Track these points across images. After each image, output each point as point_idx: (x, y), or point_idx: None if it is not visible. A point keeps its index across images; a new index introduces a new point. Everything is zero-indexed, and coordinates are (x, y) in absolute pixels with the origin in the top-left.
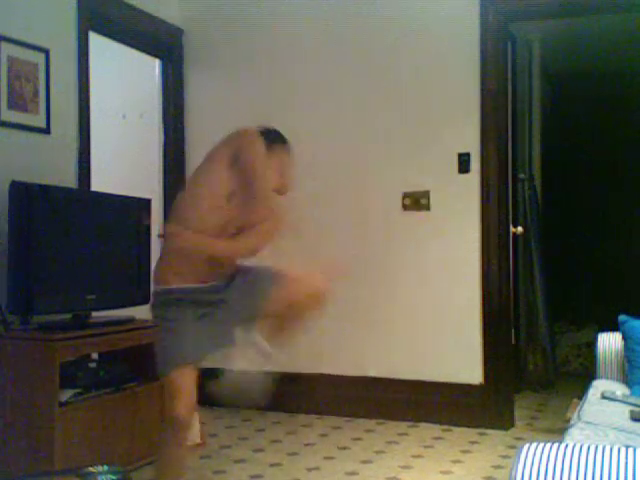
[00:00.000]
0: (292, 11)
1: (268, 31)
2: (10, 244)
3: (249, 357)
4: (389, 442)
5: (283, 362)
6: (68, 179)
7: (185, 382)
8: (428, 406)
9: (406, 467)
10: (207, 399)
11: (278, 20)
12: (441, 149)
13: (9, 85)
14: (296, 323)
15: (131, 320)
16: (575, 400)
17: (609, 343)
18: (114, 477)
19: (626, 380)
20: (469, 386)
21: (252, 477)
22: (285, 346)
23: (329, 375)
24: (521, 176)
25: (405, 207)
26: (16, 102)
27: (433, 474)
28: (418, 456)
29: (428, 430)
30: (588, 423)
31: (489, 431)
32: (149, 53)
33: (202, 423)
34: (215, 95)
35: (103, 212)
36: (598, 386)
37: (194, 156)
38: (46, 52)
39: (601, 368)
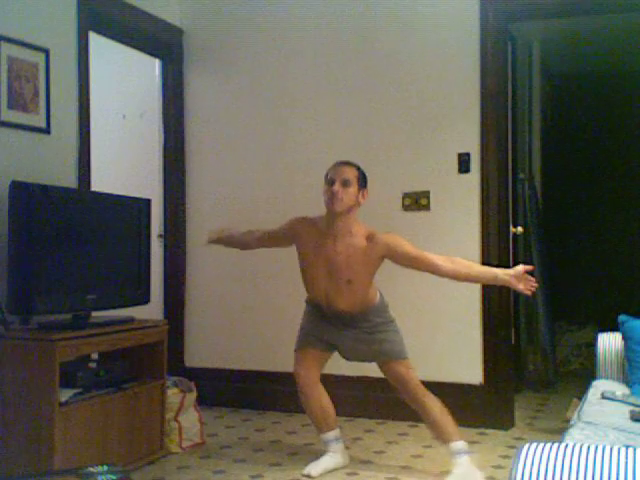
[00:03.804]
0: (292, 11)
1: (268, 31)
2: (10, 244)
3: None
4: (389, 442)
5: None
6: (68, 179)
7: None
8: None
9: (406, 467)
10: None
11: (278, 20)
12: (441, 149)
13: (9, 85)
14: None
15: (131, 320)
16: (575, 400)
17: (609, 343)
18: (114, 477)
19: (626, 380)
20: (469, 386)
21: (252, 477)
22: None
23: (329, 375)
24: (521, 176)
25: (405, 207)
26: (16, 102)
27: (433, 474)
28: (418, 456)
29: (428, 430)
30: (588, 423)
31: (489, 431)
32: (149, 53)
33: (202, 423)
34: (215, 95)
35: (103, 212)
36: (598, 386)
37: (194, 156)
38: (46, 52)
39: (601, 368)
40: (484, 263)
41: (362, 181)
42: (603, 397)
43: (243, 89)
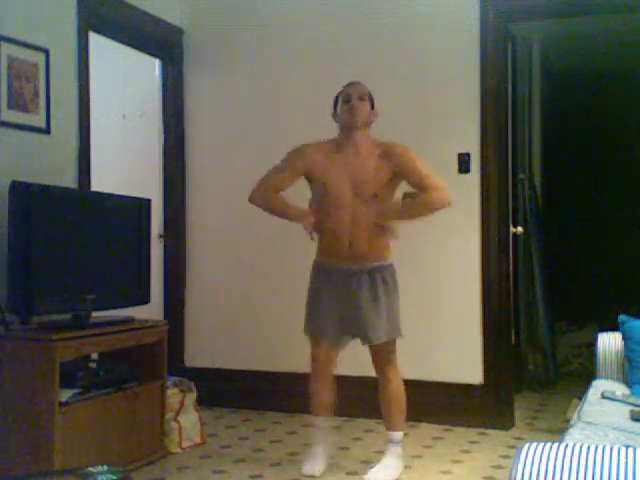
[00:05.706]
0: (291, 11)
1: (268, 31)
2: (10, 244)
3: None
4: None
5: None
6: (68, 179)
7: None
8: (428, 406)
9: (406, 467)
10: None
11: (278, 20)
12: (441, 149)
13: (9, 85)
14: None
15: (131, 320)
16: (575, 400)
17: (609, 343)
18: (114, 477)
19: (626, 380)
20: (469, 386)
21: (252, 477)
22: None
23: None
24: (521, 176)
25: None
26: (16, 102)
27: (433, 474)
28: (418, 456)
29: (428, 430)
30: (588, 423)
31: (489, 431)
32: (149, 53)
33: (202, 423)
34: (215, 95)
35: (103, 212)
36: (598, 386)
37: (194, 156)
38: (46, 52)
39: (601, 368)
40: (484, 263)
41: (372, 101)
42: (603, 397)
43: (243, 89)
